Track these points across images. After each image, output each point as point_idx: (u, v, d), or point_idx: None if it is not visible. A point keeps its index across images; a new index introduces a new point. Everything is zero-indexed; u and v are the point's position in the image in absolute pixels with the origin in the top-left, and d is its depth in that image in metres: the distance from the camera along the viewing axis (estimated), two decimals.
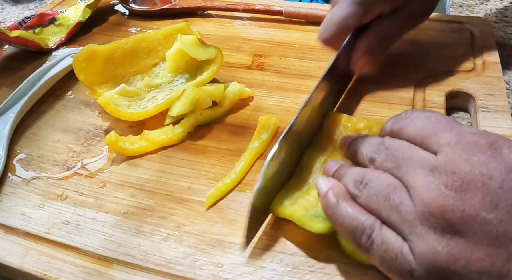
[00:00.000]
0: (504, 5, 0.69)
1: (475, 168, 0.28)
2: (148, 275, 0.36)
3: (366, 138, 0.37)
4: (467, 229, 0.27)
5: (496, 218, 0.27)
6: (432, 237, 0.28)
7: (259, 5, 0.66)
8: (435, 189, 0.28)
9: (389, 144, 0.33)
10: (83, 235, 0.39)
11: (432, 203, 0.28)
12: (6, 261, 0.38)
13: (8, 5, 0.81)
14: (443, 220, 0.28)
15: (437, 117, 0.32)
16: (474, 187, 0.27)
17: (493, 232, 0.27)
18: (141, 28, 0.67)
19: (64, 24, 0.66)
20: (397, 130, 0.34)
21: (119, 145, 0.45)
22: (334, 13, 0.46)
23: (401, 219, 0.30)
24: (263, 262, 0.36)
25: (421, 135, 0.32)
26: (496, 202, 0.27)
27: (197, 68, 0.53)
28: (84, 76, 0.50)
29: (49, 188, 0.44)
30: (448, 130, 0.31)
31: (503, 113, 0.46)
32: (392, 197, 0.30)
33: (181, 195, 0.42)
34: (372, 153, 0.34)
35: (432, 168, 0.29)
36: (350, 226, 0.32)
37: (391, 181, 0.31)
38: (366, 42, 0.46)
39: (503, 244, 0.27)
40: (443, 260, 0.28)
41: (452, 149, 0.29)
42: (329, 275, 0.35)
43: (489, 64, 0.53)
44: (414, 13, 0.48)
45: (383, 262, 0.30)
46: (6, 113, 0.51)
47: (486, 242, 0.27)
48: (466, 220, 0.27)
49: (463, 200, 0.27)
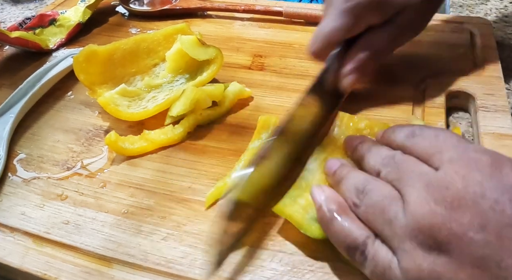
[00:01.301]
0: (504, 5, 0.69)
1: (469, 186, 0.27)
2: (148, 274, 0.36)
3: (375, 147, 0.36)
4: (453, 248, 0.27)
5: (483, 240, 0.26)
6: (418, 254, 0.28)
7: (259, 6, 0.66)
8: (425, 204, 0.28)
9: (398, 159, 0.33)
10: (83, 235, 0.39)
11: (420, 219, 0.28)
12: (6, 261, 0.38)
13: (8, 5, 0.81)
14: (430, 237, 0.27)
15: (446, 135, 0.32)
16: (464, 206, 0.27)
17: (479, 253, 0.26)
18: (141, 29, 0.67)
19: (64, 25, 0.66)
20: (409, 146, 0.33)
21: (119, 145, 0.45)
22: (322, 26, 0.45)
23: (392, 233, 0.30)
24: (263, 262, 0.36)
25: (428, 153, 0.31)
26: (485, 223, 0.26)
27: (197, 68, 0.53)
28: (84, 76, 0.50)
29: (49, 188, 0.44)
30: (453, 148, 0.30)
31: (503, 112, 0.46)
32: (387, 210, 0.30)
33: (181, 195, 0.42)
34: (380, 166, 0.34)
35: (428, 183, 0.29)
36: (344, 242, 0.32)
37: (389, 192, 0.31)
38: (354, 56, 0.44)
39: (488, 267, 0.26)
40: (426, 277, 0.27)
41: (452, 165, 0.29)
42: (328, 275, 0.35)
43: (489, 64, 0.53)
44: (406, 27, 0.46)
45: (373, 275, 0.31)
46: (6, 114, 0.51)
47: (471, 263, 0.26)
48: (452, 239, 0.27)
49: (451, 217, 0.27)
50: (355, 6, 0.42)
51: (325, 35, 0.44)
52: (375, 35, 0.44)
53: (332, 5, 0.44)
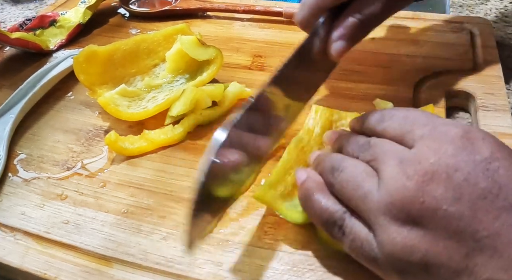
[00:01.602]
0: (504, 5, 0.69)
1: (442, 159, 0.27)
2: (147, 274, 0.36)
3: (352, 137, 0.36)
4: (426, 221, 0.27)
5: (458, 212, 0.26)
6: (392, 228, 0.28)
7: (259, 6, 0.66)
8: (398, 179, 0.28)
9: (373, 142, 0.33)
10: (83, 234, 0.39)
11: (393, 194, 0.28)
12: (6, 261, 0.38)
13: (8, 5, 0.81)
14: (402, 211, 0.28)
15: (414, 115, 0.32)
16: (437, 179, 0.27)
17: (453, 226, 0.26)
18: (141, 30, 0.67)
19: (65, 26, 0.66)
20: (380, 131, 0.34)
21: (119, 145, 0.46)
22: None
23: (367, 208, 0.30)
24: (263, 261, 0.36)
25: (400, 134, 0.31)
26: (459, 195, 0.26)
27: (197, 69, 0.53)
28: (84, 76, 0.50)
29: (49, 188, 0.44)
30: (423, 125, 0.31)
31: (503, 112, 0.46)
32: (362, 185, 0.31)
33: (181, 195, 0.42)
34: (358, 152, 0.34)
35: (401, 160, 0.29)
36: (322, 217, 0.33)
37: (365, 169, 0.32)
38: (344, 24, 0.40)
39: (463, 239, 0.26)
40: (400, 250, 0.28)
41: (423, 141, 0.29)
42: (328, 273, 0.35)
43: (489, 64, 0.53)
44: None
45: (351, 249, 0.32)
46: (7, 114, 0.51)
47: (445, 235, 0.26)
48: (425, 212, 0.27)
49: (424, 191, 0.27)
50: None
51: (312, 2, 0.41)
52: (364, 2, 0.41)
53: None
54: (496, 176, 0.26)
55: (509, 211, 0.26)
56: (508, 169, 0.27)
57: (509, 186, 0.26)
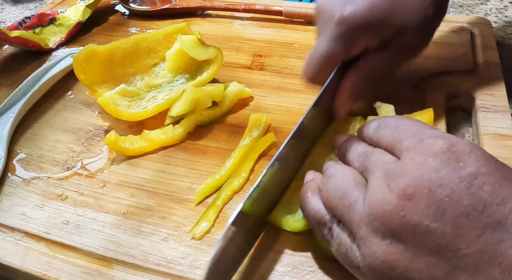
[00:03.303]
0: (504, 5, 0.69)
1: (425, 173, 0.27)
2: (148, 275, 0.36)
3: (354, 144, 0.36)
4: (406, 237, 0.26)
5: (440, 229, 0.26)
6: (372, 240, 0.28)
7: (259, 5, 0.66)
8: (381, 192, 0.28)
9: (369, 152, 0.33)
10: (83, 235, 0.39)
11: (375, 206, 0.28)
12: (6, 261, 0.38)
13: (8, 5, 0.81)
14: (383, 224, 0.27)
15: (406, 124, 0.32)
16: (419, 194, 0.26)
17: (435, 243, 0.26)
18: (141, 28, 0.67)
19: (64, 24, 0.66)
20: (376, 139, 0.34)
21: (119, 145, 0.45)
22: (315, 50, 0.42)
23: (350, 218, 0.30)
24: (263, 262, 0.36)
25: (391, 144, 0.31)
26: (441, 211, 0.26)
27: (197, 68, 0.53)
28: (84, 76, 0.50)
29: (49, 188, 0.44)
30: (411, 136, 0.30)
31: (503, 113, 0.46)
32: (349, 195, 0.30)
33: (181, 195, 0.42)
34: (355, 161, 0.34)
35: (387, 172, 0.29)
36: (314, 217, 0.33)
37: (354, 178, 0.31)
38: (351, 83, 0.41)
39: (444, 256, 0.25)
40: (381, 264, 0.27)
41: (408, 153, 0.29)
42: (329, 275, 0.35)
43: (489, 64, 0.53)
44: (406, 49, 0.42)
45: (337, 254, 0.32)
46: (6, 113, 0.51)
47: (426, 252, 0.26)
48: (405, 227, 0.26)
49: (405, 206, 0.26)
50: (347, 30, 0.39)
51: (319, 59, 0.41)
52: (371, 58, 0.41)
53: (324, 27, 0.41)
54: (481, 193, 0.26)
55: (493, 229, 0.25)
56: (494, 185, 0.26)
57: (494, 203, 0.25)
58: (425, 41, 0.43)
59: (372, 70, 0.41)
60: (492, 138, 0.44)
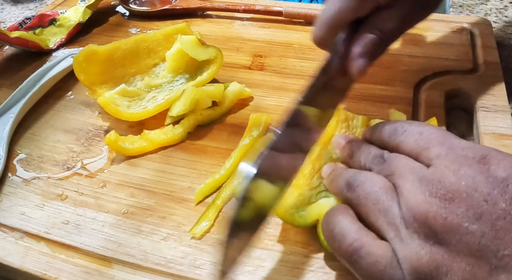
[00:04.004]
0: (504, 5, 0.69)
1: (461, 179, 0.28)
2: (148, 274, 0.36)
3: (364, 146, 0.36)
4: (449, 238, 0.27)
5: (479, 230, 0.26)
6: (415, 242, 0.28)
7: (259, 6, 0.66)
8: (420, 194, 0.28)
9: (388, 156, 0.33)
10: (83, 235, 0.39)
11: (415, 208, 0.28)
12: (6, 261, 0.38)
13: (8, 5, 0.81)
14: (425, 225, 0.28)
15: (430, 131, 0.32)
16: (458, 198, 0.27)
17: (475, 243, 0.26)
18: (141, 29, 0.67)
19: (64, 25, 0.66)
20: (394, 145, 0.34)
21: (119, 144, 0.46)
22: (325, 9, 0.40)
23: (387, 222, 0.30)
24: (263, 262, 0.36)
25: (415, 151, 0.32)
26: (479, 214, 0.27)
27: (197, 68, 0.53)
28: (84, 76, 0.50)
29: (49, 188, 0.44)
30: (439, 144, 0.31)
31: (503, 112, 0.46)
32: (382, 200, 0.30)
33: (181, 195, 0.42)
34: (371, 164, 0.34)
35: (421, 177, 0.29)
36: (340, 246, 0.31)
37: (384, 184, 0.31)
38: (363, 40, 0.39)
39: (485, 256, 0.26)
40: (425, 265, 0.27)
41: (441, 161, 0.30)
42: (328, 275, 0.35)
43: (489, 64, 0.53)
44: (418, 4, 0.41)
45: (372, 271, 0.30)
46: (6, 114, 0.51)
47: (468, 252, 0.27)
48: (448, 229, 0.27)
49: (447, 208, 0.27)
50: None
51: (329, 18, 0.39)
52: (384, 15, 0.39)
53: None
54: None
55: None
56: None
57: None
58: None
59: (385, 25, 0.39)
60: (492, 137, 0.44)
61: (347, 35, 0.40)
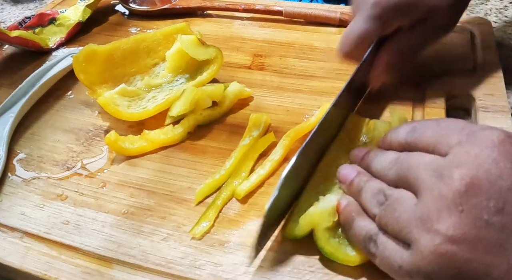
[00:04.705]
0: (504, 5, 0.69)
1: (483, 164, 0.26)
2: (148, 275, 0.36)
3: (380, 154, 0.36)
4: (464, 231, 0.25)
5: (499, 223, 0.24)
6: (429, 236, 0.27)
7: (259, 5, 0.66)
8: (434, 189, 0.27)
9: (403, 158, 0.32)
10: (83, 235, 0.39)
11: (429, 204, 0.27)
12: (6, 261, 0.38)
13: (8, 5, 0.81)
14: (439, 222, 0.26)
15: (447, 121, 0.31)
16: (478, 186, 0.25)
17: (493, 238, 0.25)
18: (141, 28, 0.67)
19: (64, 24, 0.66)
20: (411, 141, 0.33)
21: (119, 144, 0.45)
22: (352, 28, 0.44)
23: (403, 223, 0.29)
24: (263, 262, 0.36)
25: (433, 142, 0.30)
26: (501, 205, 0.25)
27: (197, 68, 0.53)
28: (84, 76, 0.50)
29: (49, 188, 0.44)
30: (458, 131, 0.29)
31: (503, 113, 0.46)
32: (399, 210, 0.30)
33: (181, 195, 0.42)
34: (387, 169, 0.33)
35: (435, 169, 0.28)
36: (360, 234, 0.33)
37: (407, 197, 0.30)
38: (385, 58, 0.45)
39: (503, 252, 0.24)
40: (436, 260, 0.26)
41: (461, 147, 0.28)
42: (329, 275, 0.35)
43: (489, 64, 0.53)
44: (438, 26, 0.45)
45: (382, 261, 0.31)
46: (6, 113, 0.51)
47: (484, 248, 0.25)
48: (464, 221, 0.25)
49: (463, 199, 0.26)
50: (383, 10, 0.42)
51: (355, 37, 0.44)
52: (404, 36, 0.44)
53: (360, 8, 0.44)
54: None
55: None
56: None
57: None
58: (454, 20, 0.47)
59: (405, 46, 0.45)
60: None
61: (373, 50, 0.45)
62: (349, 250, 0.35)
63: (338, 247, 0.35)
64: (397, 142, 0.35)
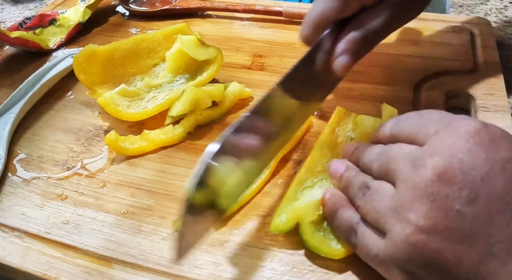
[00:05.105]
0: (504, 5, 0.69)
1: (457, 154, 0.26)
2: (148, 274, 0.36)
3: (368, 148, 0.36)
4: (436, 221, 0.26)
5: (472, 213, 0.24)
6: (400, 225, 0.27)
7: (259, 6, 0.66)
8: (409, 180, 0.27)
9: (385, 150, 0.33)
10: (83, 235, 0.39)
11: (403, 194, 0.27)
12: (6, 261, 0.38)
13: (8, 5, 0.81)
14: (412, 212, 0.27)
15: (429, 113, 0.32)
16: (451, 176, 0.25)
17: (466, 228, 0.24)
18: (141, 29, 0.67)
19: (64, 25, 0.66)
20: (395, 134, 0.33)
21: (119, 144, 0.46)
22: (312, 10, 0.41)
23: (379, 211, 0.30)
24: (263, 262, 0.36)
25: (413, 132, 0.31)
26: (474, 195, 0.25)
27: (197, 68, 0.53)
28: (84, 76, 0.50)
29: (49, 188, 0.44)
30: (437, 121, 0.29)
31: (503, 112, 0.46)
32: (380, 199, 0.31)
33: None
34: (372, 161, 0.34)
35: (412, 159, 0.28)
36: (343, 224, 0.34)
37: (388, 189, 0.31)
38: (347, 38, 0.40)
39: (475, 242, 0.24)
40: (410, 247, 0.26)
41: (437, 137, 0.28)
42: (328, 274, 0.35)
43: (489, 64, 0.53)
44: (403, 7, 0.41)
45: (362, 252, 0.32)
46: (6, 114, 0.51)
47: (455, 239, 0.25)
48: (436, 212, 0.26)
49: (434, 189, 0.26)
50: None
51: (315, 17, 0.40)
52: (369, 15, 0.40)
53: None
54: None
55: None
56: None
57: None
58: (423, 1, 0.43)
59: (369, 25, 0.40)
60: None
61: (333, 33, 0.40)
62: (334, 243, 0.36)
63: (322, 241, 0.36)
64: (383, 135, 0.35)
